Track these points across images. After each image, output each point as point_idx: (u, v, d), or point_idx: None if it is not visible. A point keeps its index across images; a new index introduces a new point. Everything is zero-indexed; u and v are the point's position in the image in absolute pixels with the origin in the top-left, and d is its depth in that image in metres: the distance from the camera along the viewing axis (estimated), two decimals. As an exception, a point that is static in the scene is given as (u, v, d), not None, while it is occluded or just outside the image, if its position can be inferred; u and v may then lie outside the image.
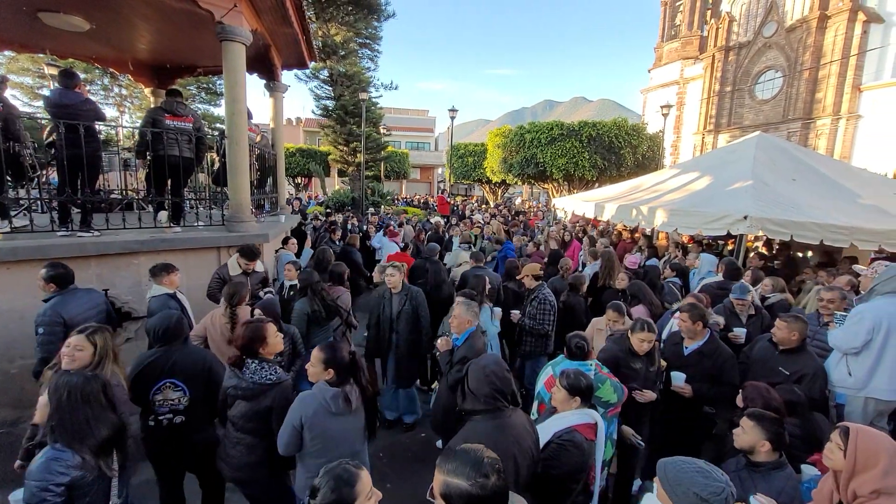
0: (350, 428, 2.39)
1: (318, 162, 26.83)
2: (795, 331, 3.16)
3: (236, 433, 2.47)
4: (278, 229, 6.49)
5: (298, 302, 4.00)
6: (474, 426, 2.02)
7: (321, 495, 1.41)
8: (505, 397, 2.03)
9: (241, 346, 2.51)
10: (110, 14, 5.20)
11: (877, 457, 1.58)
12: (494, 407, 2.01)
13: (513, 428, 2.01)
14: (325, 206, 16.91)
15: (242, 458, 2.47)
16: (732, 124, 24.01)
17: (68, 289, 3.29)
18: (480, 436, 1.90)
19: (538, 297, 4.42)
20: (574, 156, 15.72)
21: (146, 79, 7.55)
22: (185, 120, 5.09)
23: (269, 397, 2.43)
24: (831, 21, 19.28)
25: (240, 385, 2.43)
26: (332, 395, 2.30)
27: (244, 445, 2.46)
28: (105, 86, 20.42)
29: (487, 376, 2.03)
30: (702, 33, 27.99)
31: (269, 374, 2.47)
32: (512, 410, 2.07)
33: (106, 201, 5.83)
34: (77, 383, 1.92)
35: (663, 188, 8.10)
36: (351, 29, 17.93)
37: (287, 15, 5.53)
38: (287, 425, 2.27)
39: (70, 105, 4.33)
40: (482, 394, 2.02)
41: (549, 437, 2.22)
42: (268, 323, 2.65)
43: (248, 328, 2.56)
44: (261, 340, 2.53)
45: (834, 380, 3.31)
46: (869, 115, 18.67)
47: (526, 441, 2.03)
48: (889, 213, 5.98)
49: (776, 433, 2.14)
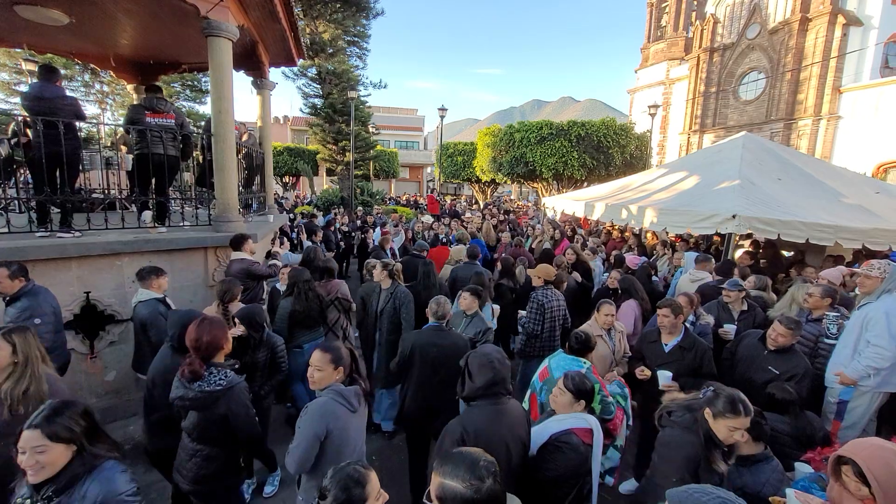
0: (361, 425, 2.36)
1: (306, 161, 26.52)
2: (796, 336, 3.20)
3: (192, 444, 2.35)
4: (266, 229, 6.38)
5: (283, 300, 3.93)
6: (472, 411, 2.12)
7: (332, 496, 1.41)
8: (504, 385, 2.13)
9: (203, 351, 2.32)
10: (91, 8, 5.04)
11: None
12: (493, 393, 2.10)
13: (507, 415, 2.12)
14: (313, 206, 16.74)
15: (200, 470, 2.34)
16: (717, 124, 24.42)
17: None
18: (477, 420, 2.06)
19: (531, 297, 4.41)
20: (563, 155, 15.79)
21: (129, 75, 7.35)
22: (167, 116, 4.96)
23: (223, 405, 2.28)
24: (812, 24, 19.73)
25: (186, 395, 2.25)
26: (353, 392, 2.23)
27: (201, 457, 2.34)
28: (86, 82, 19.89)
29: (489, 363, 2.11)
30: (687, 34, 28.43)
31: (219, 379, 2.29)
32: (508, 398, 2.16)
33: (87, 200, 5.66)
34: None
35: (652, 187, 8.17)
36: (339, 26, 17.75)
37: (275, 11, 5.43)
38: (307, 440, 2.07)
39: (49, 99, 4.20)
40: (482, 380, 2.09)
41: (545, 439, 2.20)
42: (221, 322, 2.47)
43: (205, 330, 2.34)
44: (223, 340, 2.41)
45: (852, 374, 3.24)
46: (848, 116, 19.16)
47: (519, 429, 2.15)
48: (871, 212, 6.12)
49: (754, 423, 2.14)
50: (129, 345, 4.01)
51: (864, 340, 3.24)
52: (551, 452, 2.16)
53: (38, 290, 3.27)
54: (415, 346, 3.14)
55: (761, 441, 2.20)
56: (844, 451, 1.68)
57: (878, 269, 3.35)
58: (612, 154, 16.03)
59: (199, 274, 4.84)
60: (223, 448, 2.37)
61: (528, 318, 4.27)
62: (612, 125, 16.22)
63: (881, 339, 3.16)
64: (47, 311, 3.24)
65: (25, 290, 3.19)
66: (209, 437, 2.34)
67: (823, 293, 3.73)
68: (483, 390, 2.09)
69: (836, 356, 3.46)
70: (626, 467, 3.76)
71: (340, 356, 2.25)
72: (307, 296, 3.94)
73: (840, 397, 3.36)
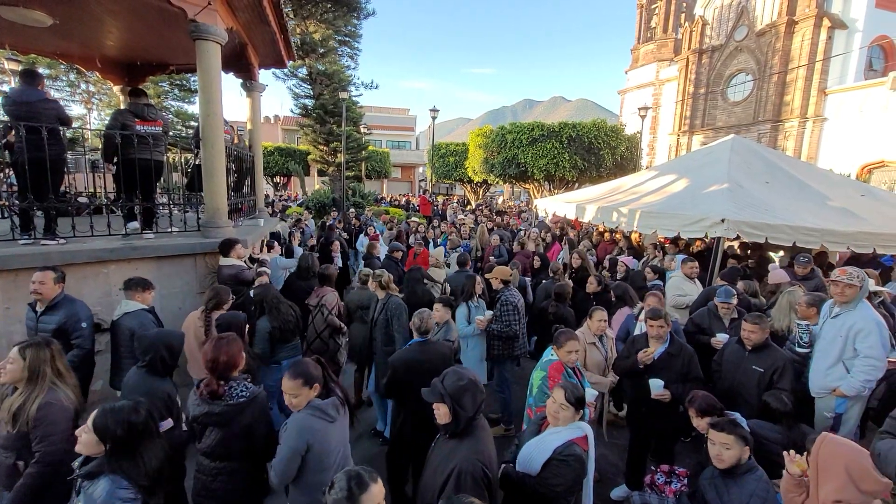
0: (343, 431, 2.38)
1: (297, 161, 26.31)
2: (767, 329, 3.32)
3: (213, 464, 2.32)
4: (257, 233, 6.32)
5: (261, 320, 3.81)
6: (481, 442, 2.06)
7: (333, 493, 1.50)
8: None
9: (221, 370, 2.33)
10: (75, 9, 4.94)
11: (836, 470, 1.63)
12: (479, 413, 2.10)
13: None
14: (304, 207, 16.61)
15: (228, 486, 2.32)
16: (706, 125, 24.69)
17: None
18: (490, 449, 2.08)
19: (502, 300, 4.39)
20: (555, 156, 15.84)
21: (115, 76, 7.22)
22: (156, 124, 4.89)
23: (248, 416, 2.30)
24: (798, 26, 20.02)
25: (213, 411, 2.26)
26: (330, 404, 2.26)
27: (226, 474, 2.32)
28: (71, 82, 19.51)
29: (474, 386, 2.08)
30: (676, 36, 28.69)
31: (241, 391, 2.32)
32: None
33: (72, 205, 5.55)
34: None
35: (642, 190, 8.22)
36: (330, 26, 17.62)
37: (264, 13, 5.37)
38: (287, 455, 2.14)
39: (30, 102, 4.12)
40: (474, 406, 2.06)
41: (549, 455, 2.20)
42: (236, 339, 2.49)
43: (222, 349, 2.35)
44: (239, 357, 2.41)
45: (849, 390, 3.25)
46: (833, 117, 19.47)
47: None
48: (856, 215, 6.21)
49: (741, 437, 2.20)
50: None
51: (853, 351, 3.26)
52: (558, 467, 2.17)
53: (71, 296, 3.33)
54: (400, 366, 3.08)
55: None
56: (824, 436, 1.83)
57: (857, 278, 3.32)
58: (603, 155, 16.13)
59: (188, 281, 4.78)
60: (245, 462, 2.36)
61: (508, 321, 4.30)
62: (602, 127, 16.30)
63: (874, 351, 3.18)
64: (90, 315, 3.33)
65: (61, 296, 3.21)
66: (230, 453, 2.31)
67: (809, 303, 3.74)
68: (476, 414, 2.07)
69: (818, 364, 3.47)
70: (618, 473, 3.80)
71: (311, 375, 2.26)
72: (279, 310, 3.84)
73: (836, 411, 3.36)
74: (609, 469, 3.89)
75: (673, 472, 3.10)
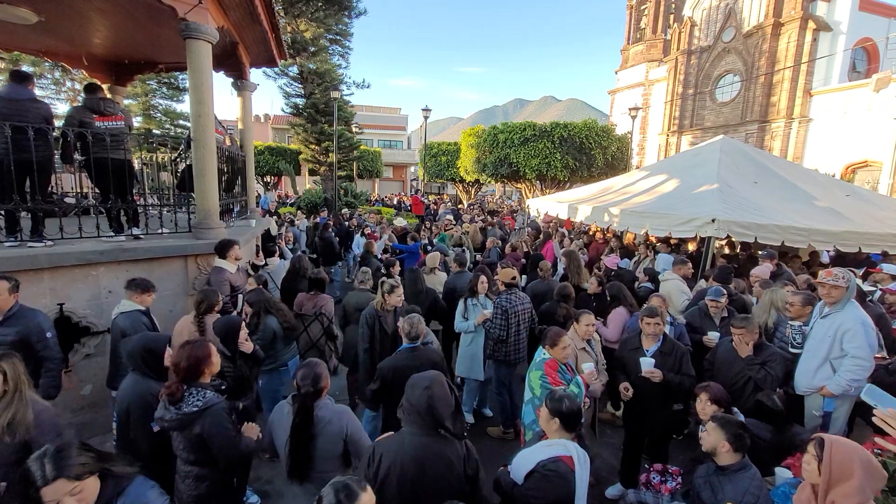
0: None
1: (288, 160, 26.08)
2: (755, 329, 3.38)
3: (184, 466, 2.35)
4: (249, 234, 6.26)
5: (269, 319, 3.79)
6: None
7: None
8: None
9: (184, 375, 2.32)
10: (62, 6, 4.85)
11: (851, 469, 1.63)
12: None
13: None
14: (296, 207, 16.48)
15: (192, 491, 2.34)
16: (695, 125, 24.98)
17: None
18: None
19: (496, 303, 4.37)
20: (546, 156, 15.91)
21: (103, 75, 7.09)
22: (116, 119, 4.61)
23: (198, 426, 2.26)
24: (784, 28, 20.34)
25: (164, 417, 2.24)
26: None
27: (192, 478, 2.34)
28: (57, 80, 19.11)
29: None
30: (665, 37, 28.98)
31: (197, 400, 2.28)
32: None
33: (59, 206, 5.44)
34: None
35: (633, 190, 8.30)
36: (321, 25, 17.49)
37: (255, 12, 5.31)
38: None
39: (17, 100, 4.03)
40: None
41: (532, 466, 2.16)
42: (204, 344, 2.45)
43: (185, 354, 2.35)
44: (204, 364, 2.39)
45: (836, 389, 3.29)
46: (818, 118, 19.83)
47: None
48: (842, 215, 6.35)
49: (736, 435, 2.25)
50: (106, 357, 3.87)
51: (840, 351, 3.31)
52: (539, 480, 2.12)
53: (28, 307, 3.18)
54: (388, 373, 3.03)
55: (741, 451, 2.26)
56: (828, 437, 1.80)
57: (843, 280, 3.36)
58: (595, 155, 16.23)
59: (179, 283, 4.71)
60: (211, 468, 2.34)
61: (494, 325, 4.26)
62: (593, 127, 16.41)
63: (861, 351, 3.23)
64: (52, 325, 3.22)
65: (16, 307, 3.06)
66: (196, 459, 2.32)
67: (804, 302, 3.77)
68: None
69: (804, 364, 3.52)
70: (613, 472, 3.84)
71: (320, 377, 2.36)
72: (281, 310, 3.85)
73: (825, 409, 3.41)
74: (604, 468, 3.93)
75: (666, 471, 3.15)
